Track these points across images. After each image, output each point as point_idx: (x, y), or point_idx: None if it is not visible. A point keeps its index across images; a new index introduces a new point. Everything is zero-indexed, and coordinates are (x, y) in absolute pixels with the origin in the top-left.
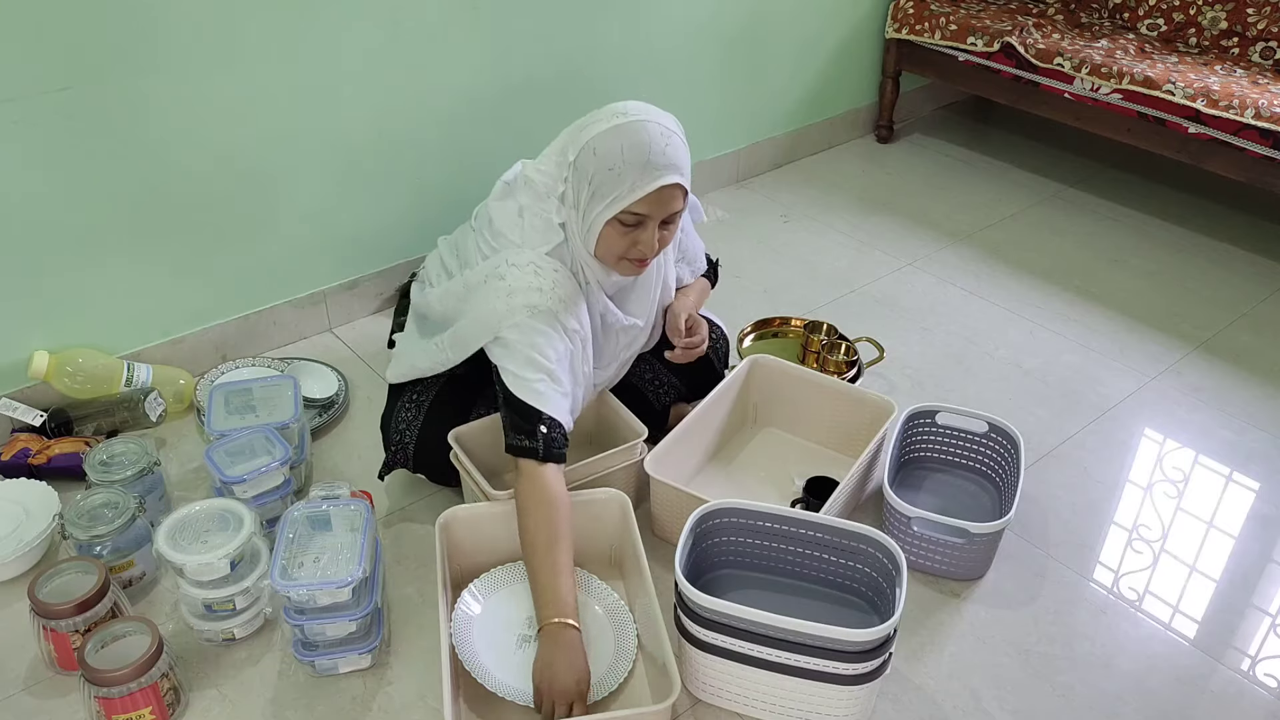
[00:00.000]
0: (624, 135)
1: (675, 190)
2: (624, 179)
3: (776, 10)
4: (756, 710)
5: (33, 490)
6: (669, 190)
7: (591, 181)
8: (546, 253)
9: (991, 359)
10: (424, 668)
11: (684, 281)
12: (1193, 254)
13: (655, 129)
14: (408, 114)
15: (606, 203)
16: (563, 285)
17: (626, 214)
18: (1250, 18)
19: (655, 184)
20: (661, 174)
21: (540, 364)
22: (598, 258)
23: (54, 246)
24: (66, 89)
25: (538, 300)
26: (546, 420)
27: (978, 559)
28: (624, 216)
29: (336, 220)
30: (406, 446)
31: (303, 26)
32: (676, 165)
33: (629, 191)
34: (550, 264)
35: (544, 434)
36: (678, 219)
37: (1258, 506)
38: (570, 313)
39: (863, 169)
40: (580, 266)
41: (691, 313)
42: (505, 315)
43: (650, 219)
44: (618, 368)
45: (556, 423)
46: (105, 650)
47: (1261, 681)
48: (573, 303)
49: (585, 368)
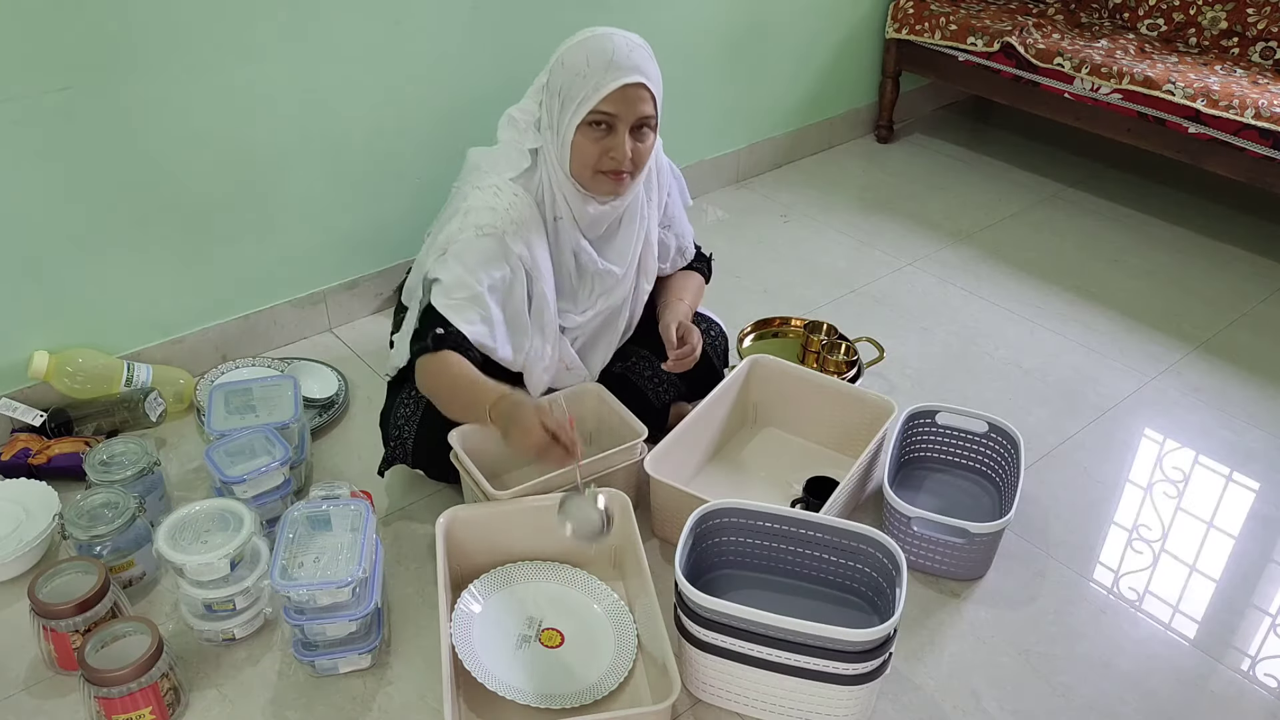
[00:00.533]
0: (589, 45)
1: (640, 90)
2: (589, 80)
3: (776, 11)
4: (756, 710)
5: (33, 490)
6: (634, 89)
7: (561, 91)
8: (512, 178)
9: (991, 359)
10: (424, 668)
11: (671, 252)
12: (1193, 254)
13: (620, 38)
14: (408, 114)
15: (575, 106)
16: (518, 208)
17: (596, 114)
18: (1250, 18)
19: (619, 81)
20: (625, 73)
21: (468, 284)
22: (574, 177)
23: (54, 246)
24: (66, 89)
25: (489, 220)
26: (448, 328)
27: (978, 559)
28: (593, 118)
29: (336, 220)
30: (405, 442)
31: (302, 26)
32: (640, 68)
33: (594, 90)
34: (511, 188)
35: (437, 334)
36: (649, 130)
37: (1258, 506)
38: (519, 237)
39: (863, 169)
40: (555, 195)
41: (683, 321)
42: (456, 233)
43: (619, 120)
44: (598, 322)
45: (459, 333)
46: (105, 650)
47: (1261, 681)
48: (525, 227)
49: (543, 304)
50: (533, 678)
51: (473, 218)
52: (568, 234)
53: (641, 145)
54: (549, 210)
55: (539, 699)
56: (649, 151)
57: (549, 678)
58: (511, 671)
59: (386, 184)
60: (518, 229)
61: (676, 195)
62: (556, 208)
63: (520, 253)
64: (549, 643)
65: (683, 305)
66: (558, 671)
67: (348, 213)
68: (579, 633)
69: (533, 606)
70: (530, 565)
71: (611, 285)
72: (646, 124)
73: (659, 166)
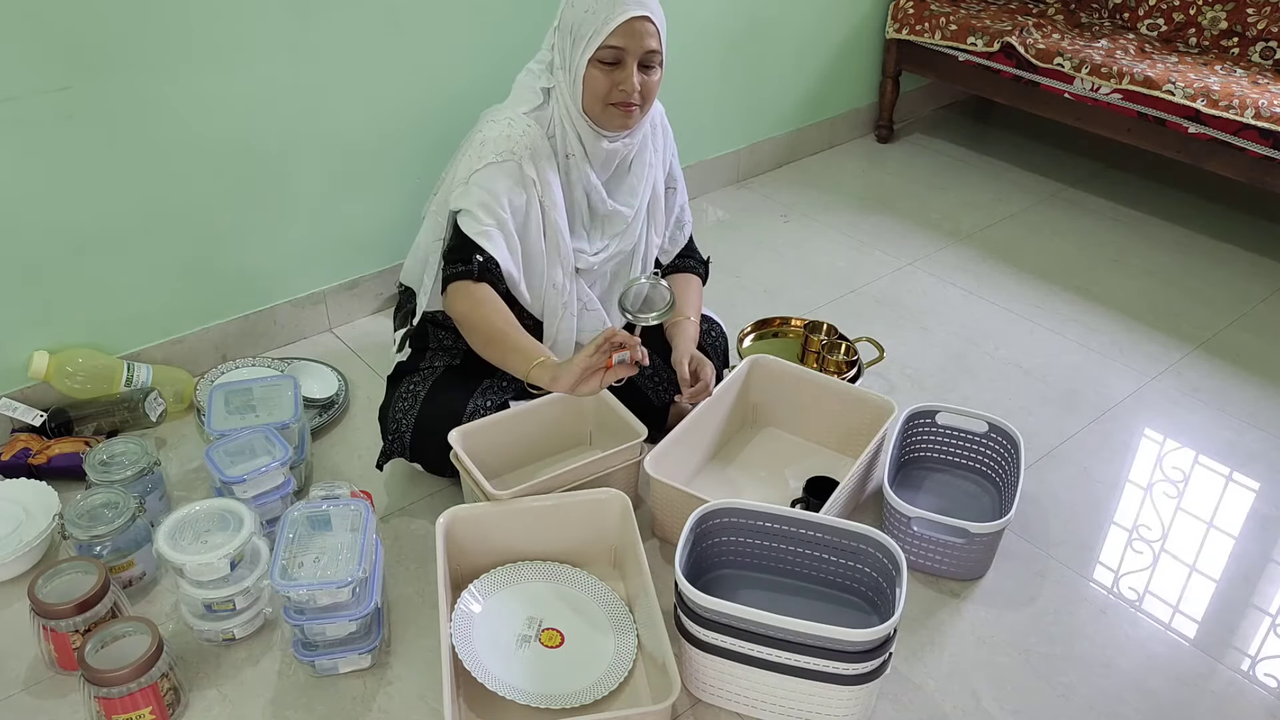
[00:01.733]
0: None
1: (646, 24)
2: (598, 15)
3: (777, 11)
4: (756, 710)
5: (33, 490)
6: (640, 23)
7: (572, 30)
8: (525, 112)
9: (991, 359)
10: (424, 668)
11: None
12: (1193, 254)
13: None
14: (408, 114)
15: (585, 43)
16: (530, 136)
17: (605, 49)
18: (1250, 18)
19: (626, 15)
20: (630, 7)
21: (494, 210)
22: (586, 112)
23: (54, 246)
24: (66, 88)
25: (506, 147)
26: (485, 255)
27: (978, 559)
28: (602, 54)
29: (336, 220)
30: (404, 435)
31: (302, 26)
32: (646, 3)
33: (604, 24)
34: (524, 120)
35: (479, 261)
36: (655, 64)
37: (1258, 506)
38: (533, 163)
39: (863, 169)
40: (567, 132)
41: (695, 355)
42: (476, 163)
43: (627, 54)
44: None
45: (494, 260)
46: (105, 650)
47: (1261, 681)
48: (538, 155)
49: (558, 234)
50: (533, 678)
51: (489, 147)
52: (579, 171)
53: (649, 79)
54: (560, 146)
55: (539, 699)
56: (656, 86)
57: (549, 678)
58: (511, 671)
59: (386, 184)
60: (532, 154)
61: (678, 162)
62: (569, 144)
63: (533, 177)
64: (549, 643)
65: (690, 329)
66: (558, 671)
67: (348, 213)
68: (579, 633)
69: (533, 606)
70: (530, 565)
71: (622, 227)
72: (653, 59)
73: (665, 129)
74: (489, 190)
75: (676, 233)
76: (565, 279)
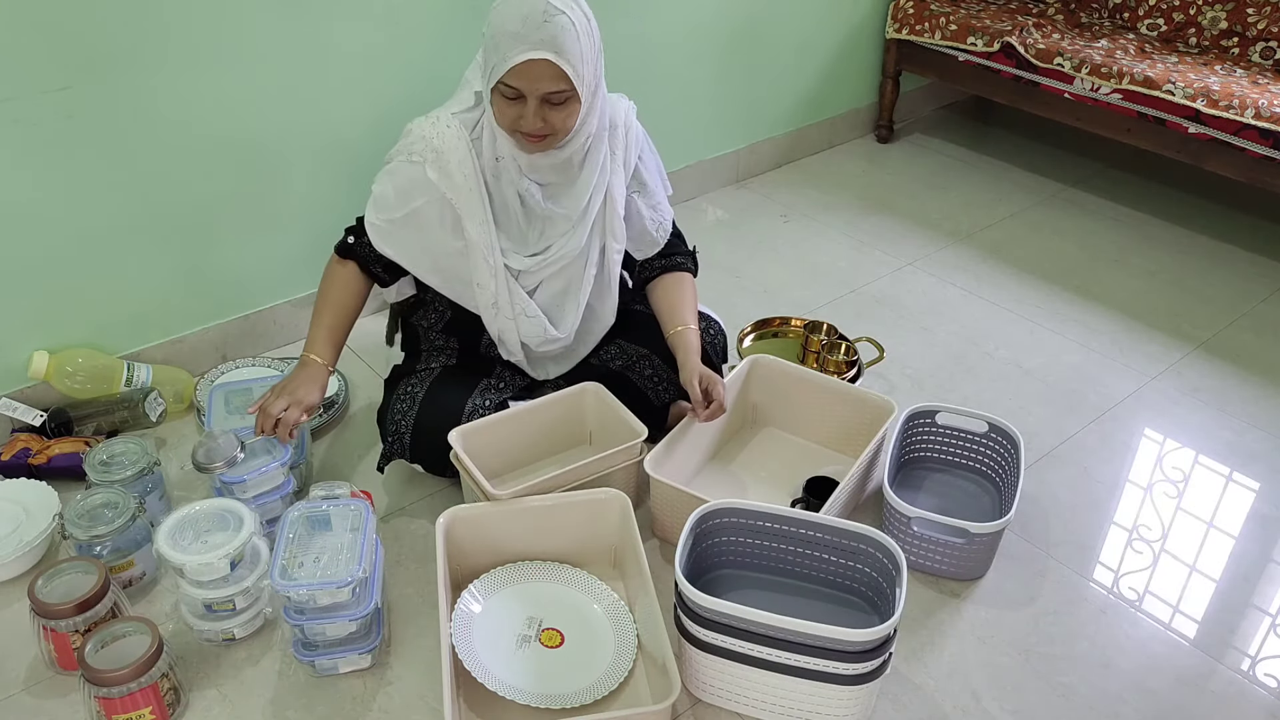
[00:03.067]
0: (511, 5)
1: (542, 67)
2: (500, 48)
3: (776, 10)
4: (756, 710)
5: (33, 490)
6: (538, 65)
7: (484, 49)
8: (454, 112)
9: (991, 359)
10: (424, 668)
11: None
12: (1193, 254)
13: (539, 4)
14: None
15: (489, 71)
16: (444, 138)
17: (503, 85)
18: (1250, 18)
19: (522, 56)
20: (530, 48)
21: (389, 208)
22: (501, 128)
23: (54, 246)
24: (66, 88)
25: (418, 148)
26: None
27: (978, 559)
28: (502, 88)
29: (336, 220)
30: (403, 436)
31: (302, 26)
32: (549, 42)
33: (501, 61)
34: (446, 119)
35: (349, 243)
36: (569, 102)
37: (1258, 506)
38: (437, 166)
39: (863, 169)
40: (494, 136)
41: (703, 372)
42: (395, 153)
43: (525, 93)
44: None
45: (367, 243)
46: (105, 650)
47: (1261, 681)
48: (446, 158)
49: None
50: (533, 678)
51: (404, 141)
52: (509, 174)
53: (558, 113)
54: (488, 149)
55: (539, 699)
56: (571, 116)
57: (549, 678)
58: (511, 671)
59: None
60: (437, 158)
61: (651, 163)
62: (498, 147)
63: (434, 179)
64: (549, 643)
65: (692, 339)
66: (558, 671)
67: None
68: (579, 633)
69: (533, 606)
70: (530, 565)
71: (563, 230)
72: (558, 96)
73: (629, 128)
74: (394, 184)
75: (658, 234)
76: (491, 279)
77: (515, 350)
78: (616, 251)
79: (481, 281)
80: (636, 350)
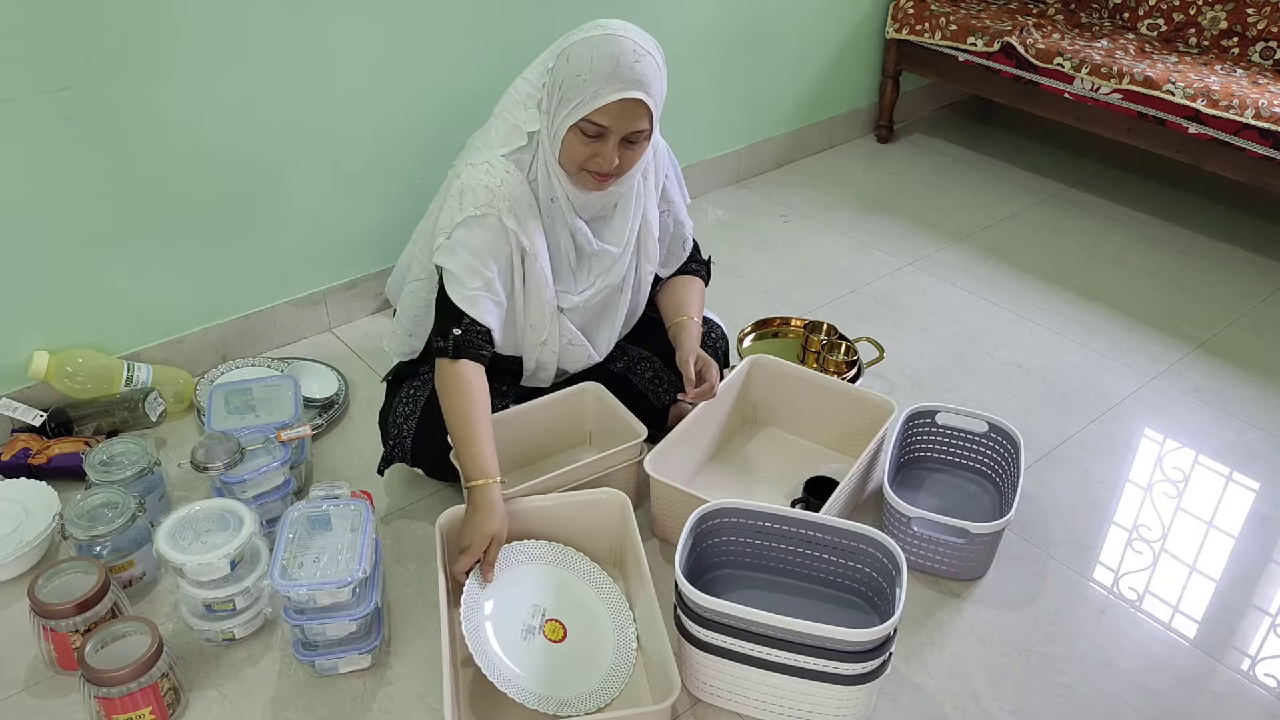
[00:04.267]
0: (597, 45)
1: (637, 106)
2: (589, 86)
3: (777, 11)
4: (756, 710)
5: (33, 490)
6: (630, 104)
7: (561, 86)
8: (504, 154)
9: (991, 359)
10: (424, 668)
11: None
12: (1193, 254)
13: (628, 44)
14: (408, 113)
15: (571, 108)
16: (509, 184)
17: (588, 123)
18: (1250, 18)
19: (617, 95)
20: (625, 88)
21: (480, 272)
22: (562, 167)
23: (54, 246)
24: (66, 89)
25: (484, 199)
26: (466, 323)
27: (978, 559)
28: (585, 125)
29: (336, 220)
30: (404, 440)
31: (302, 26)
32: (642, 83)
33: (591, 98)
34: (503, 164)
35: (456, 335)
36: (642, 141)
37: (1258, 506)
38: (512, 214)
39: (863, 169)
40: (550, 177)
41: (700, 354)
42: (457, 215)
43: (611, 131)
44: (598, 301)
45: (477, 325)
46: (105, 650)
47: (1261, 681)
48: (517, 204)
49: (540, 283)
50: (536, 676)
51: (469, 198)
52: (563, 215)
53: (631, 153)
54: (544, 190)
55: (542, 701)
56: (637, 158)
57: (551, 676)
58: (517, 662)
59: (386, 184)
60: (511, 205)
61: (674, 179)
62: (552, 188)
63: (514, 228)
64: (552, 636)
65: (694, 328)
66: (561, 668)
67: (348, 213)
68: (581, 629)
69: (537, 593)
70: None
71: (609, 264)
72: (639, 136)
73: (656, 147)
74: (471, 250)
75: (678, 249)
76: (545, 319)
77: (549, 376)
78: (649, 272)
79: (535, 323)
80: (638, 352)
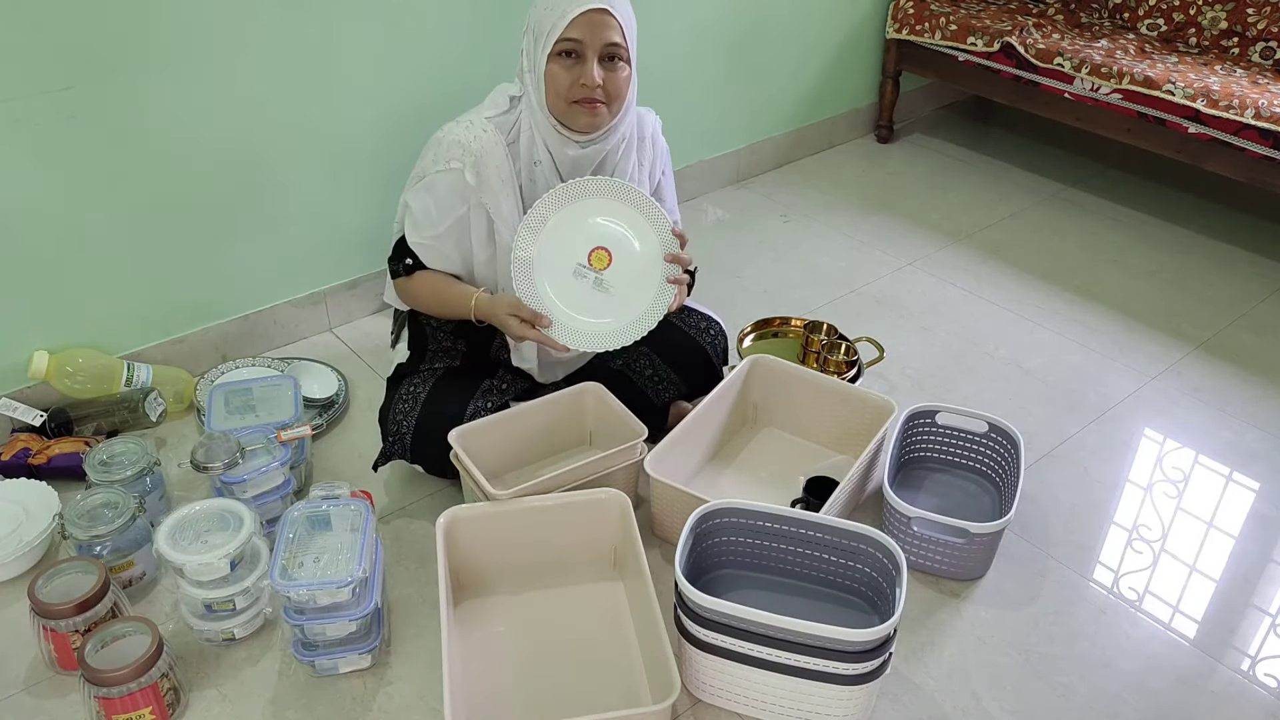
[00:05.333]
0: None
1: (604, 15)
2: (555, 9)
3: (777, 11)
4: (756, 710)
5: (33, 490)
6: (597, 15)
7: (534, 28)
8: (487, 116)
9: (992, 359)
10: (424, 668)
11: None
12: (1193, 254)
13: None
14: (408, 113)
15: (545, 38)
16: (482, 141)
17: (563, 41)
18: (1250, 18)
19: (583, 6)
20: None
21: (435, 221)
22: (552, 111)
23: (54, 246)
24: (68, 88)
25: (455, 153)
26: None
27: (978, 559)
28: (561, 46)
29: (336, 220)
30: (404, 437)
31: (303, 26)
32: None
33: (560, 18)
34: (481, 123)
35: (408, 265)
36: (620, 58)
37: (1258, 506)
38: (475, 170)
39: (863, 169)
40: (535, 138)
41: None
42: (430, 165)
43: (586, 46)
44: None
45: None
46: (105, 650)
47: (1261, 681)
48: (484, 161)
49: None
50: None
51: (442, 149)
52: (545, 179)
53: (613, 74)
54: (527, 153)
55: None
56: (624, 82)
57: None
58: (566, 300)
59: (386, 183)
60: (476, 162)
61: (670, 185)
62: (536, 151)
63: (472, 183)
64: (598, 264)
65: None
66: (608, 306)
67: (348, 213)
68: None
69: (583, 241)
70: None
71: None
72: (615, 53)
73: (656, 141)
74: (434, 199)
75: None
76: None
77: (531, 357)
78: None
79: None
80: (637, 349)
